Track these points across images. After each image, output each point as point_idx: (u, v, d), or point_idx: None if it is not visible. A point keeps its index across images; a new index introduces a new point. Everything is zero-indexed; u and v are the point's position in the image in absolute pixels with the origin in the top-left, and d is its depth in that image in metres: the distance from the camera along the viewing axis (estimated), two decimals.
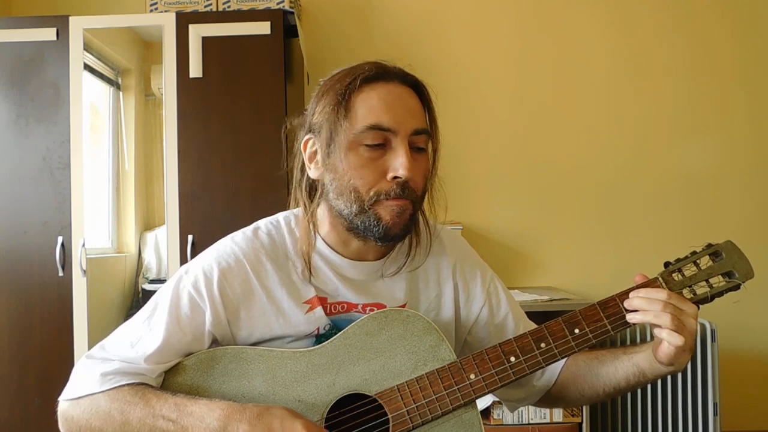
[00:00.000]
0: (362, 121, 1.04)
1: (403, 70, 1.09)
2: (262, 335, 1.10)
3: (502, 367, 1.06)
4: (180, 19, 2.48)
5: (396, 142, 1.04)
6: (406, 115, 1.05)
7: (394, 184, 1.04)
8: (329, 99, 1.06)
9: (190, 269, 1.11)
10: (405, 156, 1.03)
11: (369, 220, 1.04)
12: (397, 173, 1.03)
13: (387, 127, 1.04)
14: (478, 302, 1.21)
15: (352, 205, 1.04)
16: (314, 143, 1.09)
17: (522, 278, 3.03)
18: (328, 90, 1.08)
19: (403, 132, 1.04)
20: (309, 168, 1.11)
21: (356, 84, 1.05)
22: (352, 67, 1.09)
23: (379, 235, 1.05)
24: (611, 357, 1.14)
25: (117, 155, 2.71)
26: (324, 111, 1.06)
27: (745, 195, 3.02)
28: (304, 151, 1.10)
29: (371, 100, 1.05)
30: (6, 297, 2.47)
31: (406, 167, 1.02)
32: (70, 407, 1.04)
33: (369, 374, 1.06)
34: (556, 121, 3.04)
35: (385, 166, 1.04)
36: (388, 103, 1.05)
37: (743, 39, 3.04)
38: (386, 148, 1.05)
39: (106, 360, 1.05)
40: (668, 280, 1.07)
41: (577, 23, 3.05)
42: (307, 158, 1.10)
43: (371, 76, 1.06)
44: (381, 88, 1.06)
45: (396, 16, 3.05)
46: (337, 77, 1.09)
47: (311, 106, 1.11)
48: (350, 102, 1.04)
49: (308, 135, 1.10)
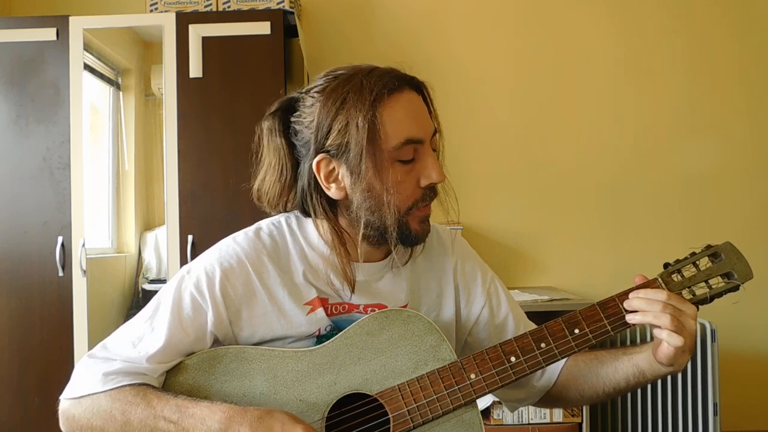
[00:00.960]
0: (395, 137, 1.03)
1: (407, 73, 1.09)
2: (263, 336, 1.10)
3: (502, 367, 1.06)
4: (180, 19, 2.48)
5: (423, 151, 1.07)
6: (426, 122, 1.08)
7: (426, 190, 1.07)
8: (353, 118, 1.02)
9: (192, 269, 1.11)
10: (436, 162, 1.07)
11: (402, 230, 1.07)
12: (432, 179, 1.06)
13: (418, 138, 1.05)
14: (478, 303, 1.21)
15: (387, 219, 1.05)
16: (330, 162, 1.06)
17: (522, 278, 3.03)
18: (342, 106, 1.03)
19: (428, 139, 1.07)
20: (327, 188, 1.08)
21: (383, 100, 1.03)
22: (359, 80, 1.04)
23: (410, 242, 1.09)
24: (611, 357, 1.15)
25: (117, 155, 2.71)
26: (347, 132, 1.03)
27: (745, 195, 3.02)
28: (317, 171, 1.07)
29: (397, 114, 1.04)
30: (6, 297, 2.47)
31: (439, 172, 1.06)
32: (71, 406, 1.04)
33: (370, 374, 1.06)
34: (556, 121, 3.04)
35: (417, 176, 1.07)
36: (412, 113, 1.06)
37: (743, 39, 3.04)
38: (415, 157, 1.06)
39: (108, 359, 1.05)
40: (668, 281, 1.07)
41: (577, 23, 3.06)
42: (323, 178, 1.07)
43: (393, 88, 1.04)
44: (402, 99, 1.05)
45: (396, 16, 3.05)
46: (347, 91, 1.04)
47: (318, 122, 1.05)
48: (376, 120, 1.02)
49: (322, 155, 1.06)
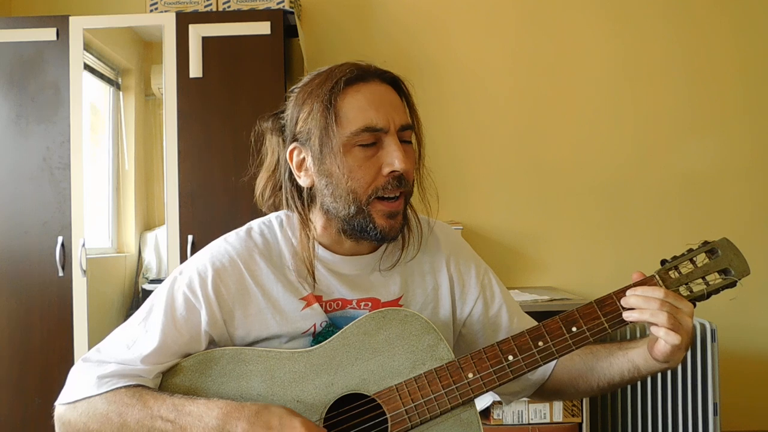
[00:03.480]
0: (353, 123, 1.05)
1: (379, 67, 1.11)
2: (258, 334, 1.10)
3: (500, 366, 1.06)
4: (180, 19, 2.49)
5: (387, 139, 1.07)
6: (392, 112, 1.08)
7: (390, 178, 1.06)
8: (314, 105, 1.06)
9: (185, 270, 1.11)
10: (399, 150, 1.06)
11: (365, 222, 1.07)
12: (394, 167, 1.06)
13: (379, 127, 1.06)
14: (472, 295, 1.22)
15: (350, 207, 1.06)
16: (301, 151, 1.10)
17: (522, 278, 3.03)
18: (308, 96, 1.08)
19: (393, 128, 1.07)
20: (299, 176, 1.11)
21: (340, 87, 1.06)
22: (328, 72, 1.09)
23: (375, 237, 1.08)
24: (606, 352, 1.15)
25: (117, 155, 2.71)
26: (311, 118, 1.07)
27: (744, 194, 3.02)
28: (290, 160, 1.11)
29: (358, 102, 1.06)
30: (6, 297, 2.47)
31: (402, 159, 1.06)
32: (66, 411, 1.04)
33: (367, 374, 1.06)
34: (556, 121, 3.04)
35: (379, 163, 1.06)
36: (374, 102, 1.07)
37: (742, 39, 3.04)
38: (378, 145, 1.07)
39: (102, 363, 1.05)
40: (665, 277, 1.08)
41: (577, 23, 3.05)
42: (295, 167, 1.11)
43: (352, 77, 1.07)
44: (365, 89, 1.07)
45: (396, 16, 3.05)
46: (316, 82, 1.09)
47: (291, 113, 1.11)
48: (337, 106, 1.05)
49: (293, 144, 1.10)
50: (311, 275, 1.10)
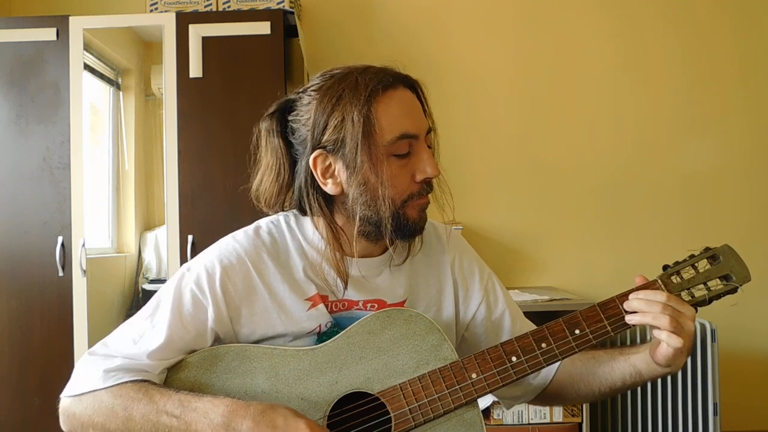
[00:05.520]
0: (389, 132, 1.05)
1: (400, 72, 1.11)
2: (264, 333, 1.10)
3: (503, 366, 1.06)
4: (180, 19, 2.48)
5: (418, 146, 1.08)
6: (421, 118, 1.10)
7: (422, 184, 1.09)
8: (347, 114, 1.04)
9: (192, 267, 1.11)
10: (430, 156, 1.09)
11: (399, 221, 1.08)
12: (426, 173, 1.08)
13: (413, 134, 1.07)
14: (476, 299, 1.22)
15: (386, 212, 1.06)
16: (326, 158, 1.08)
17: (522, 278, 3.03)
18: (337, 103, 1.05)
19: (422, 134, 1.09)
20: (324, 184, 1.09)
21: (377, 96, 1.05)
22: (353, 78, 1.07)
23: (409, 233, 1.10)
24: (608, 357, 1.15)
25: (117, 155, 2.71)
26: (345, 127, 1.05)
27: (744, 195, 3.02)
28: (314, 167, 1.08)
29: (392, 110, 1.06)
30: (6, 297, 2.47)
31: (434, 166, 1.08)
32: (72, 404, 1.04)
33: (371, 373, 1.06)
34: (555, 121, 3.04)
35: (412, 170, 1.08)
36: (406, 109, 1.08)
37: (742, 38, 3.04)
38: (410, 152, 1.08)
39: (108, 356, 1.05)
40: (667, 282, 1.08)
41: (577, 23, 3.06)
42: (320, 174, 1.09)
43: (387, 85, 1.06)
44: (396, 96, 1.07)
45: (396, 16, 3.05)
46: (343, 89, 1.06)
47: (314, 120, 1.07)
48: (371, 115, 1.04)
49: (318, 151, 1.07)
50: (344, 283, 1.11)
